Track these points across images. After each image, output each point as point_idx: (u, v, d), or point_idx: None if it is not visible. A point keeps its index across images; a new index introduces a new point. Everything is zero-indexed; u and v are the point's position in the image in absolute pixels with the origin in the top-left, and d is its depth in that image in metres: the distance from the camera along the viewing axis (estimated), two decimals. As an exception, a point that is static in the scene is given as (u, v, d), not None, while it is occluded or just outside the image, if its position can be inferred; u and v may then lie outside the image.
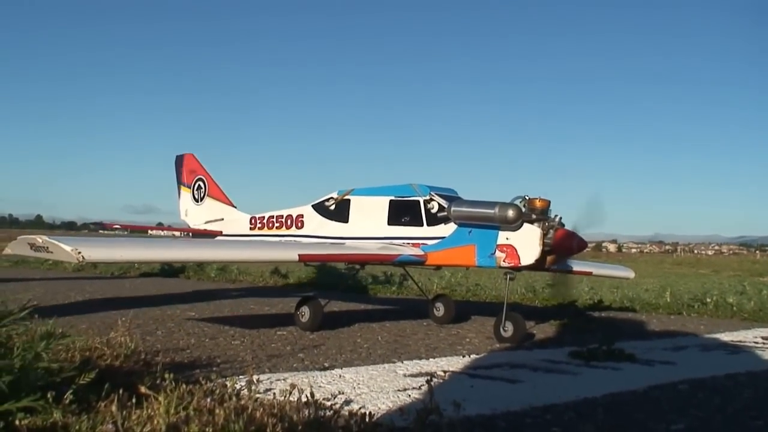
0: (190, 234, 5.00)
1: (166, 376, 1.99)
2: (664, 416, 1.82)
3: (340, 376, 2.33)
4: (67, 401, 1.63)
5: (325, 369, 2.49)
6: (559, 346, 3.16)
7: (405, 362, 2.64)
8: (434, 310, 3.95)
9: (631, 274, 4.71)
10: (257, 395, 1.97)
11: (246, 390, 2.02)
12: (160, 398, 1.85)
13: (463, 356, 2.80)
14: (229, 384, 2.00)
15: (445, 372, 2.42)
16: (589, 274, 4.43)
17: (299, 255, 3.08)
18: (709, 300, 5.29)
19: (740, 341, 3.45)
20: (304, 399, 1.91)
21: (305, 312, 3.44)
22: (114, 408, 1.70)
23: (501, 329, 3.24)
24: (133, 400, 1.72)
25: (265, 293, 6.24)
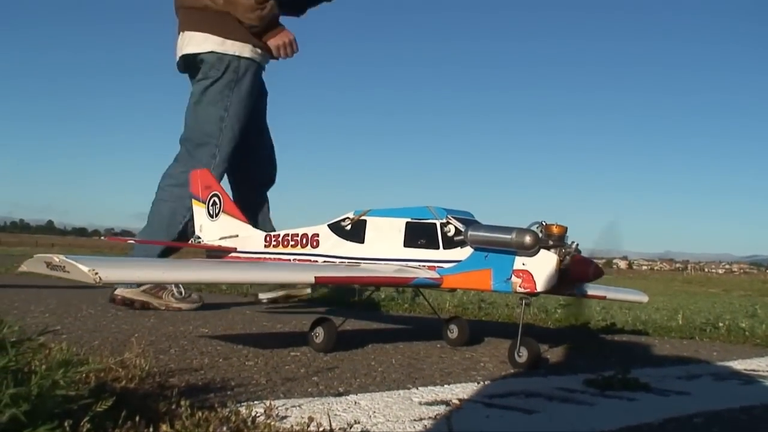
0: (204, 251, 5.00)
1: (182, 402, 1.99)
2: (681, 452, 1.81)
3: (355, 402, 2.33)
4: (84, 430, 1.63)
5: (340, 395, 2.48)
6: (573, 373, 3.15)
7: (420, 389, 2.63)
8: (448, 332, 3.94)
9: (644, 299, 4.69)
10: (274, 423, 1.97)
11: (263, 417, 2.02)
12: (177, 426, 1.86)
13: (478, 383, 2.79)
14: (244, 411, 2.00)
15: (460, 400, 2.42)
16: (603, 298, 4.42)
17: (315, 277, 3.08)
18: (721, 324, 5.26)
19: (753, 370, 3.43)
20: (322, 429, 1.92)
21: (319, 333, 3.44)
22: (132, 436, 1.70)
23: (516, 354, 3.23)
24: (150, 429, 1.72)
25: (276, 309, 6.25)
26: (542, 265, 3.15)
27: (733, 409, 2.40)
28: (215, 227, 5.01)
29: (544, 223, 3.20)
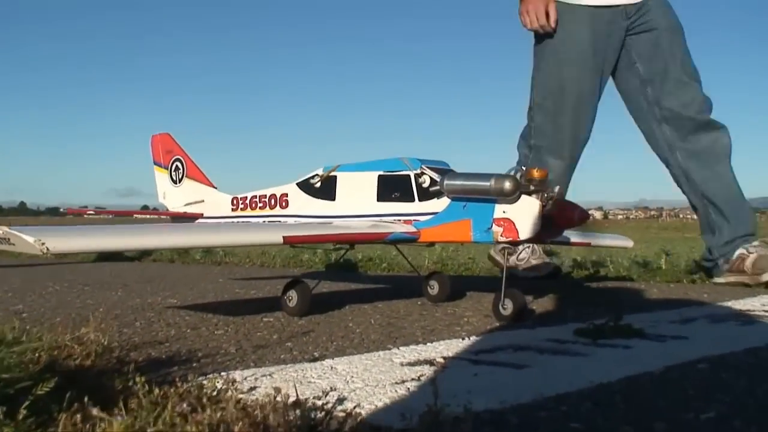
0: (169, 218, 4.78)
1: (138, 379, 1.80)
2: (689, 403, 1.64)
3: (331, 367, 2.14)
4: (21, 416, 1.43)
5: (315, 360, 2.30)
6: (562, 323, 2.98)
7: (401, 348, 2.45)
8: (428, 288, 3.77)
9: (629, 243, 4.55)
10: (240, 396, 1.79)
11: (228, 390, 1.84)
12: (132, 404, 1.67)
13: (463, 339, 2.61)
14: (208, 385, 1.81)
15: (445, 359, 2.24)
16: (588, 245, 4.26)
17: (284, 237, 2.88)
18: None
19: (749, 310, 3.29)
20: (292, 400, 1.74)
21: (293, 297, 3.25)
22: (78, 419, 1.51)
23: (500, 307, 3.05)
24: (96, 412, 1.52)
25: (251, 274, 6.07)
26: (524, 212, 2.97)
27: (736, 352, 2.24)
28: (179, 193, 4.79)
29: (524, 168, 3.02)
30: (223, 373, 2.07)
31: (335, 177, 3.70)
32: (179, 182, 4.82)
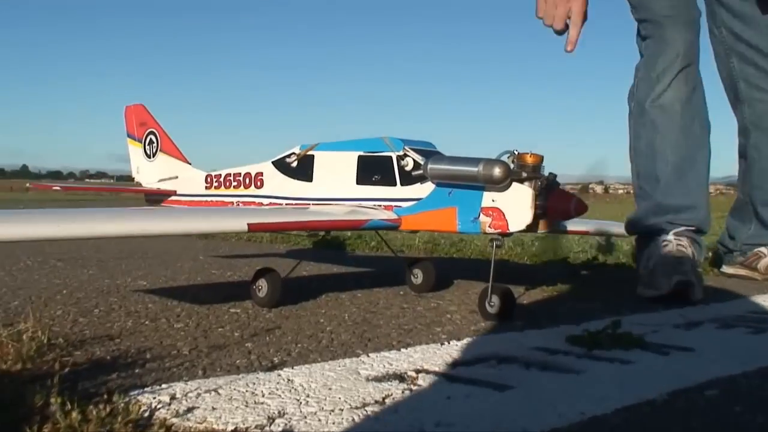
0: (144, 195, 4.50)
1: (54, 400, 1.54)
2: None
3: (288, 380, 1.88)
4: None
5: (271, 368, 2.03)
6: (554, 323, 2.72)
7: (371, 355, 2.19)
8: (412, 277, 3.50)
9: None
10: (172, 420, 1.53)
11: (163, 411, 1.59)
12: (45, 430, 1.41)
13: (442, 344, 2.34)
14: (133, 408, 1.55)
15: (417, 371, 1.97)
16: (586, 233, 3.99)
17: (249, 224, 2.60)
18: (710, 254, 4.83)
19: (758, 312, 3.03)
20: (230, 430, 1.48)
21: (262, 286, 2.99)
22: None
23: (487, 304, 2.79)
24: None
25: (235, 251, 5.82)
26: (515, 201, 2.70)
27: (749, 373, 1.97)
28: (153, 168, 4.52)
29: (516, 152, 2.74)
30: (164, 386, 1.82)
31: (312, 156, 3.42)
32: (153, 156, 4.54)
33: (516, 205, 2.69)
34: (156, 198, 4.35)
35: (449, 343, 2.38)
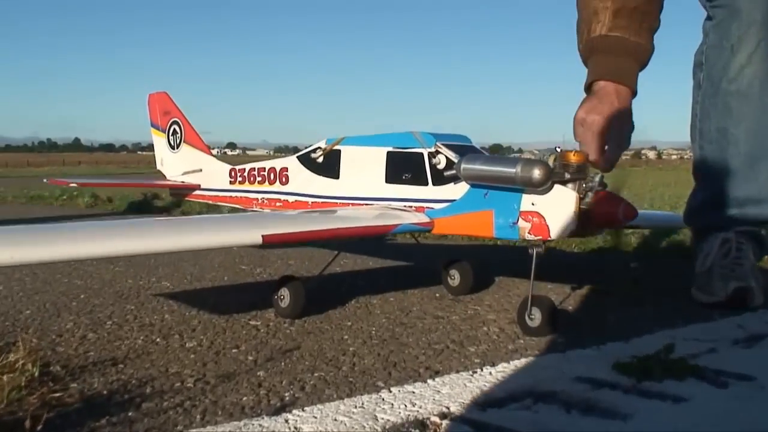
0: (169, 189, 4.31)
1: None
2: None
3: (294, 429, 1.67)
4: None
5: (280, 410, 1.82)
6: (599, 340, 2.45)
7: (393, 390, 1.96)
8: (449, 278, 3.27)
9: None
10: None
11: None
12: None
13: (474, 372, 2.10)
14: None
15: (441, 417, 1.74)
16: (637, 227, 3.70)
17: (263, 236, 2.38)
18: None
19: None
20: None
21: (285, 296, 2.79)
22: None
23: (527, 317, 2.55)
24: None
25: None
26: (557, 206, 2.44)
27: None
28: (177, 160, 4.33)
29: (559, 150, 2.47)
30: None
31: (339, 151, 3.19)
32: (177, 148, 4.35)
33: (558, 210, 2.43)
34: (180, 192, 4.17)
35: (482, 370, 2.13)
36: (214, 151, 4.45)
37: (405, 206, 2.88)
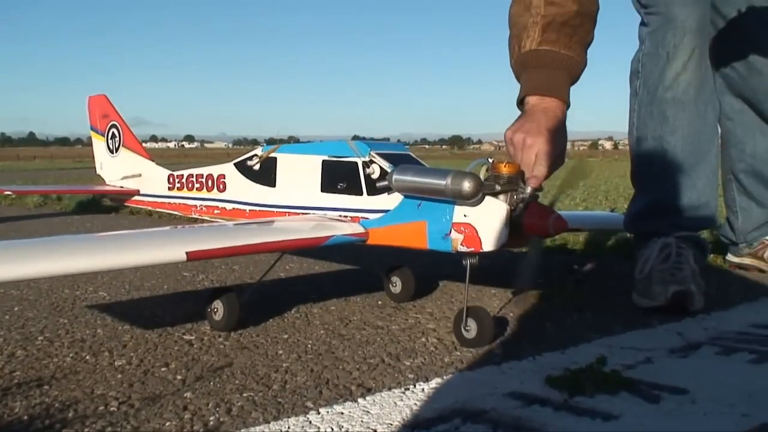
0: (106, 195, 4.22)
1: None
2: None
3: (213, 462, 1.63)
4: None
5: (204, 434, 1.78)
6: (536, 351, 2.44)
7: (322, 411, 1.92)
8: (390, 285, 3.24)
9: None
10: None
11: None
12: None
13: (404, 391, 2.07)
14: None
15: (367, 438, 1.70)
16: (578, 230, 3.70)
17: (188, 253, 2.33)
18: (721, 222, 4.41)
19: (766, 327, 2.72)
20: None
21: (218, 308, 2.74)
22: None
23: (462, 329, 2.52)
24: None
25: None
26: (488, 217, 2.42)
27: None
28: (116, 164, 4.24)
29: (490, 161, 2.45)
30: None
31: (275, 159, 3.14)
32: (116, 152, 4.26)
33: (489, 222, 2.41)
34: (119, 197, 4.09)
35: (415, 387, 2.11)
36: (171, 144, 4.37)
37: (340, 216, 2.83)
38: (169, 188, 3.70)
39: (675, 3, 3.07)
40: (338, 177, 2.91)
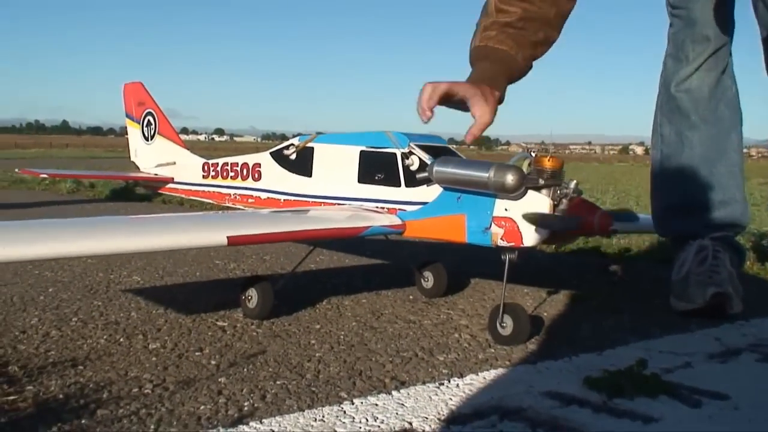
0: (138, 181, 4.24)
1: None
2: None
3: (248, 449, 1.61)
4: None
5: (237, 421, 1.76)
6: (572, 350, 2.41)
7: (356, 402, 1.91)
8: (422, 280, 3.21)
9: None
10: None
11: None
12: None
13: (438, 385, 2.05)
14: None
15: (402, 432, 1.68)
16: (614, 232, 3.64)
17: (228, 238, 2.32)
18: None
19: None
20: None
21: (252, 296, 2.73)
22: None
23: (498, 325, 2.49)
24: None
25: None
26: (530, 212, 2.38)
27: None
28: (151, 152, 4.25)
29: (533, 155, 2.41)
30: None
31: (312, 149, 3.13)
32: (151, 139, 4.27)
33: (531, 217, 2.37)
34: (153, 185, 4.10)
35: (449, 382, 2.08)
36: (202, 137, 4.37)
37: (377, 207, 2.81)
38: (204, 176, 3.70)
39: (697, 5, 3.08)
40: (376, 168, 2.89)
